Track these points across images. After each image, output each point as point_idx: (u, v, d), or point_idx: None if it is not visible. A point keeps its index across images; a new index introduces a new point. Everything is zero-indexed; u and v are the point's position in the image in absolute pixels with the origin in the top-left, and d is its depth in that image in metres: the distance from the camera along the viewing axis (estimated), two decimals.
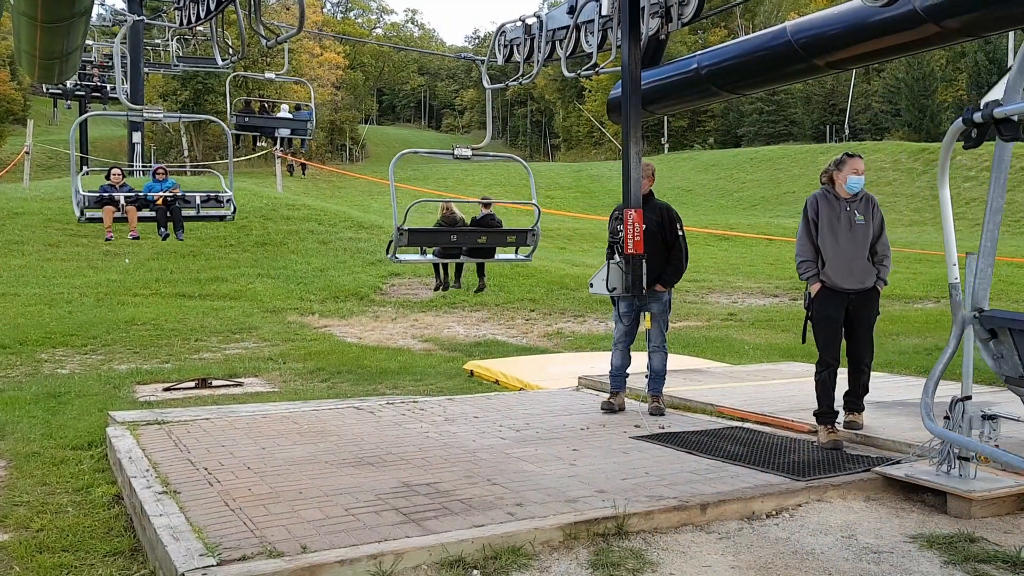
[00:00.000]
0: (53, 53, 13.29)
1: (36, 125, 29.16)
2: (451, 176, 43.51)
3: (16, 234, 18.95)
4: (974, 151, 22.77)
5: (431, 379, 9.57)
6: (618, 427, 6.35)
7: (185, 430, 6.21)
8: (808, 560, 3.90)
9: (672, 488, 4.61)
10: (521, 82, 9.70)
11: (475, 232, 10.42)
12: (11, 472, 5.70)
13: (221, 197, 11.61)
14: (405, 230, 8.10)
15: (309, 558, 3.56)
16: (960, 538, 4.16)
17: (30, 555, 4.14)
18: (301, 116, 20.99)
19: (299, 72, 61.01)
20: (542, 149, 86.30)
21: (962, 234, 26.27)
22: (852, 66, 9.02)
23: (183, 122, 51.28)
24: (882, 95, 61.51)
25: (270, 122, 20.63)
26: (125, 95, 10.10)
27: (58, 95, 26.72)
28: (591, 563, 3.78)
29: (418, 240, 8.79)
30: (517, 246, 9.20)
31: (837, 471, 4.95)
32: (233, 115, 19.68)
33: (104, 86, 27.88)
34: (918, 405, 6.78)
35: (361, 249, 19.74)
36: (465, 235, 10.03)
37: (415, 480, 4.83)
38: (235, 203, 11.69)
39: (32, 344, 11.54)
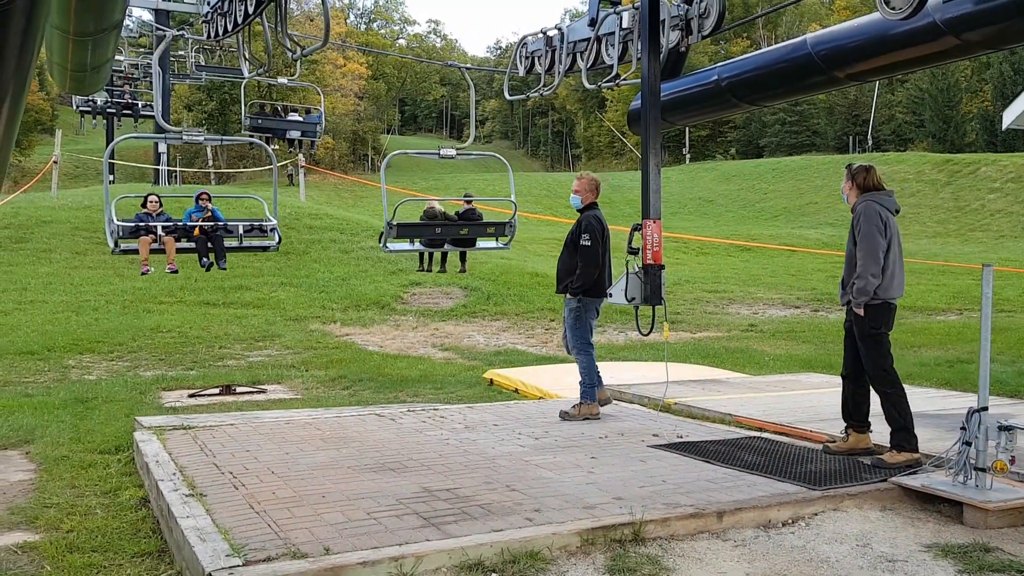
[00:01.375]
0: (84, 65, 13.52)
1: (64, 135, 29.65)
2: (472, 186, 43.67)
3: (44, 242, 19.27)
4: (1000, 162, 23.13)
5: (451, 387, 9.66)
6: (636, 436, 6.40)
7: (210, 435, 6.33)
8: (823, 568, 3.94)
9: (689, 496, 4.66)
10: (542, 93, 9.80)
11: (458, 225, 11.87)
12: (41, 475, 5.84)
13: (265, 226, 10.68)
14: (394, 224, 9.06)
15: (332, 559, 3.64)
16: (975, 548, 4.18)
17: (61, 555, 4.25)
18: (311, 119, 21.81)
19: (322, 83, 61.48)
20: (563, 159, 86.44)
21: (986, 246, 26.19)
22: (872, 78, 9.05)
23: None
24: (906, 106, 61.18)
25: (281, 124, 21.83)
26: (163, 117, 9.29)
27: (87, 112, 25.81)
28: (608, 568, 3.84)
29: (406, 233, 9.87)
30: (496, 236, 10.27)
31: (854, 481, 4.98)
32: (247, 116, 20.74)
33: (135, 103, 26.92)
34: (936, 416, 6.81)
35: (382, 258, 19.88)
36: (449, 227, 11.40)
37: (435, 485, 4.91)
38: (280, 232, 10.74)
39: (60, 350, 11.74)
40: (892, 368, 5.50)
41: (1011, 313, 15.73)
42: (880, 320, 5.48)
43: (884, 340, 5.51)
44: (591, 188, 7.32)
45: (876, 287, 5.41)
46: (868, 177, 5.65)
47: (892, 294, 5.49)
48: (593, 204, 7.34)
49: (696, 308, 17.52)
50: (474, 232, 11.05)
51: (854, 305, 5.50)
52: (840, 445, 5.74)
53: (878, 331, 5.48)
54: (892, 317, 5.55)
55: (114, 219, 9.99)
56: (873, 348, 5.50)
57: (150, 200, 11.14)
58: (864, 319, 5.47)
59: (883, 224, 5.47)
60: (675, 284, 18.99)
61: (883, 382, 5.49)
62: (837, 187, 28.49)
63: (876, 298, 5.44)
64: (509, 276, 18.57)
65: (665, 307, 7.31)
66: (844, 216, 32.79)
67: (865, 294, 5.41)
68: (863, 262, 5.41)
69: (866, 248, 5.42)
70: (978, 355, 4.91)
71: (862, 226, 5.47)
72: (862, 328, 5.50)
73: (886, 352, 5.51)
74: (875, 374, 5.51)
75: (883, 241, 5.44)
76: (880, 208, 5.52)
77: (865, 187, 5.64)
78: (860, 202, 5.59)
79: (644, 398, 7.96)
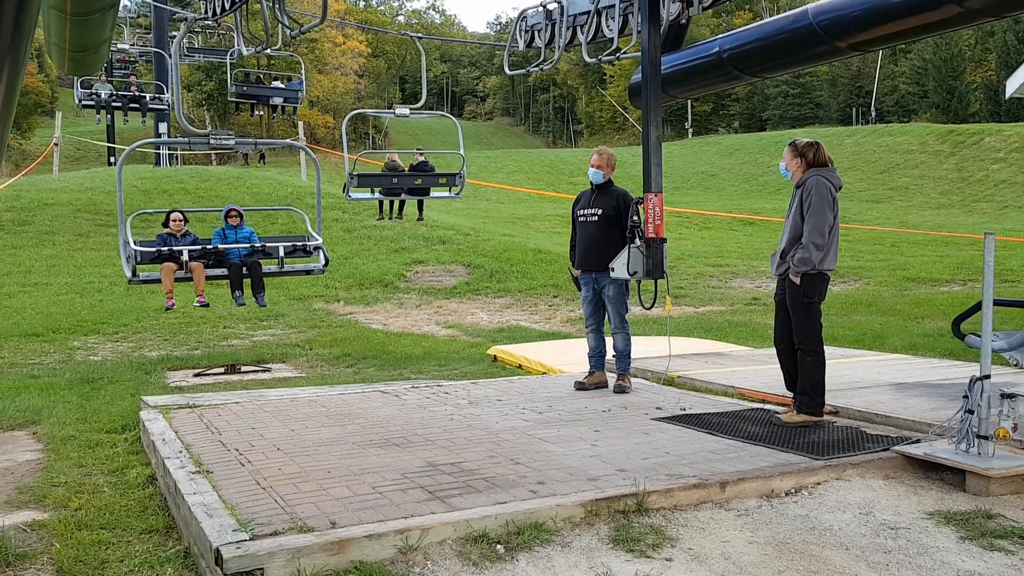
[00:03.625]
0: (83, 45, 13.48)
1: (64, 117, 29.52)
2: (474, 164, 43.58)
3: (47, 225, 19.30)
4: (1004, 132, 23.00)
5: (455, 364, 9.69)
6: (640, 409, 6.43)
7: (216, 413, 6.36)
8: (826, 536, 3.97)
9: (692, 467, 4.68)
10: (543, 68, 9.75)
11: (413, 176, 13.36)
12: (48, 455, 5.88)
13: (309, 245, 9.63)
14: (355, 175, 9.89)
15: (338, 533, 3.67)
16: (977, 515, 4.21)
17: (69, 532, 4.29)
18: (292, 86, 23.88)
19: (322, 61, 61.20)
20: (565, 135, 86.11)
21: (990, 216, 26.09)
22: (874, 48, 8.98)
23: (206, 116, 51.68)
24: (909, 76, 60.78)
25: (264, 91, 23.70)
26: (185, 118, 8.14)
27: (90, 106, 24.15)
28: (611, 538, 3.87)
29: (367, 183, 10.68)
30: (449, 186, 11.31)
31: (856, 450, 5.00)
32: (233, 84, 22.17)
33: (143, 95, 25.02)
34: (939, 386, 6.83)
35: (385, 237, 19.89)
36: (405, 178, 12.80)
37: (440, 460, 4.94)
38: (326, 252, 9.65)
39: (64, 332, 11.79)
40: (819, 337, 5.75)
41: (1015, 283, 15.70)
42: (814, 290, 5.67)
43: (816, 310, 5.75)
44: (611, 164, 7.30)
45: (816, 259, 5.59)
46: (818, 153, 5.79)
47: (827, 266, 5.68)
48: (612, 181, 7.32)
49: (699, 282, 17.52)
50: (428, 182, 12.40)
51: (791, 274, 5.66)
52: (792, 416, 5.84)
53: (812, 300, 5.68)
54: (825, 288, 5.76)
55: (131, 241, 8.73)
56: (804, 317, 5.70)
57: (173, 219, 9.57)
58: (799, 288, 5.67)
59: (833, 200, 5.64)
60: (678, 259, 18.98)
61: (808, 349, 5.70)
62: (841, 159, 28.34)
63: (813, 269, 5.61)
64: (512, 253, 18.57)
65: (668, 281, 7.32)
66: (848, 188, 32.69)
67: (806, 264, 5.59)
68: (809, 234, 5.57)
69: (815, 221, 5.57)
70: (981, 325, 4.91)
71: (813, 199, 5.60)
72: (796, 297, 5.69)
73: (816, 321, 5.73)
74: (802, 341, 5.72)
75: (831, 216, 5.62)
76: (830, 184, 5.67)
77: (815, 162, 5.77)
78: (810, 176, 5.71)
79: (647, 372, 7.98)
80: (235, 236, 9.79)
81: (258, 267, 9.50)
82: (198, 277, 9.20)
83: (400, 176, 13.09)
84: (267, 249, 9.61)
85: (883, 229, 24.00)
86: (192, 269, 9.15)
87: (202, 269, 9.20)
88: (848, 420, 5.90)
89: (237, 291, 9.48)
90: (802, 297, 5.66)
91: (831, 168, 5.78)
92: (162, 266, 9.07)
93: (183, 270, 9.17)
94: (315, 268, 9.71)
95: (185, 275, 9.17)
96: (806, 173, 5.75)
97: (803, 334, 5.71)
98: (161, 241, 9.37)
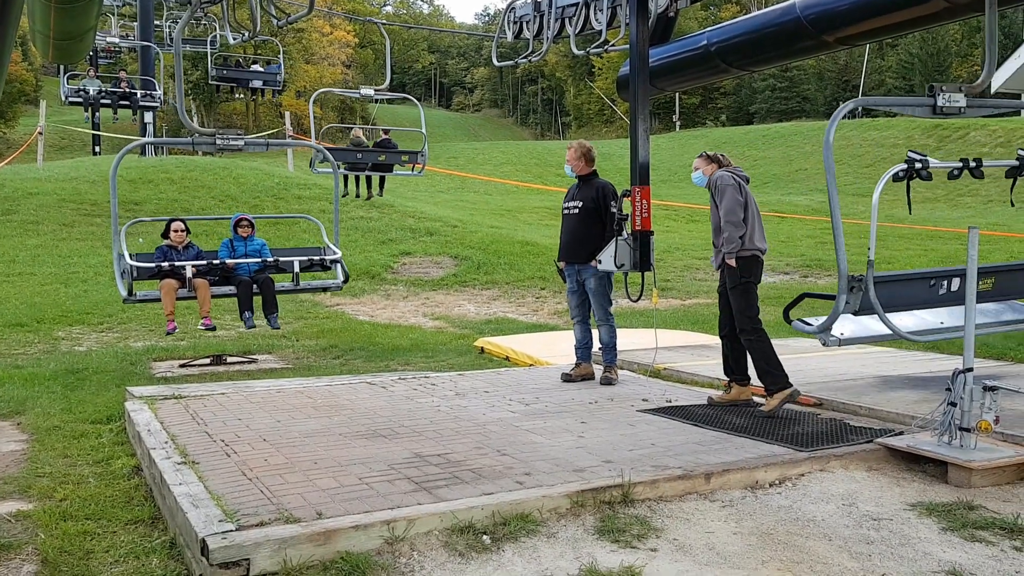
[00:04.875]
0: (67, 33, 13.39)
1: (48, 106, 29.26)
2: (462, 155, 43.57)
3: (31, 214, 19.14)
4: (989, 127, 23.14)
5: (442, 356, 9.69)
6: (626, 401, 6.45)
7: (202, 404, 6.35)
8: (809, 527, 4.00)
9: (677, 458, 4.71)
10: (531, 60, 9.75)
11: (376, 152, 13.66)
12: (33, 445, 5.86)
13: (326, 259, 8.83)
14: (321, 148, 10.07)
15: (324, 523, 3.68)
16: (959, 506, 4.25)
17: (54, 523, 4.28)
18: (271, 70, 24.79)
19: (309, 51, 60.90)
20: (553, 127, 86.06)
21: (975, 210, 26.20)
22: (861, 42, 9.03)
23: (192, 105, 51.34)
24: (896, 71, 61.03)
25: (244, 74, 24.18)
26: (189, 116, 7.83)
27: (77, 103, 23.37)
28: (597, 529, 3.89)
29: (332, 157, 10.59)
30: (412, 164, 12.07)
31: (840, 442, 5.04)
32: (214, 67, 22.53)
33: (133, 91, 23.98)
34: (922, 379, 6.88)
35: (372, 228, 19.84)
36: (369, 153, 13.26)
37: (427, 451, 4.95)
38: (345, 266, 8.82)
39: (49, 322, 11.71)
40: (758, 318, 6.02)
41: None
42: (750, 270, 5.96)
43: (752, 290, 6.00)
44: (579, 156, 7.27)
45: (740, 236, 5.91)
46: (724, 158, 6.29)
47: (757, 244, 5.99)
48: (595, 172, 7.32)
49: (686, 275, 17.56)
50: (390, 159, 13.04)
51: (727, 257, 5.95)
52: (723, 397, 6.24)
53: (748, 280, 5.96)
54: (760, 269, 6.05)
55: (126, 255, 7.86)
56: (742, 298, 5.97)
57: (174, 229, 8.57)
58: (736, 270, 5.94)
59: (737, 186, 6.00)
60: (665, 251, 19.02)
61: (749, 331, 5.95)
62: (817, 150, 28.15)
63: (746, 249, 5.93)
64: (499, 245, 18.56)
65: (655, 273, 7.34)
66: None
67: (732, 242, 5.89)
68: (725, 218, 5.94)
69: (726, 207, 5.94)
70: None
71: (719, 189, 6.02)
72: (733, 279, 5.98)
73: (753, 302, 5.99)
74: (742, 323, 5.98)
75: (740, 198, 5.96)
76: (733, 175, 6.07)
77: (721, 164, 6.23)
78: (716, 174, 6.15)
79: (634, 364, 8.01)
80: (245, 249, 8.77)
81: (270, 284, 8.49)
82: (203, 296, 8.19)
83: (364, 152, 13.66)
84: (280, 264, 8.65)
85: (869, 223, 24.12)
86: (196, 287, 8.14)
87: (207, 287, 8.18)
88: (832, 412, 5.95)
89: (247, 312, 8.50)
90: (739, 278, 5.95)
91: (735, 167, 6.23)
92: (162, 283, 8.06)
93: (186, 288, 8.19)
94: (333, 285, 8.82)
95: (188, 293, 8.21)
96: (714, 172, 6.19)
97: (743, 314, 5.97)
98: (161, 255, 8.37)
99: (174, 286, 8.04)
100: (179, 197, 20.00)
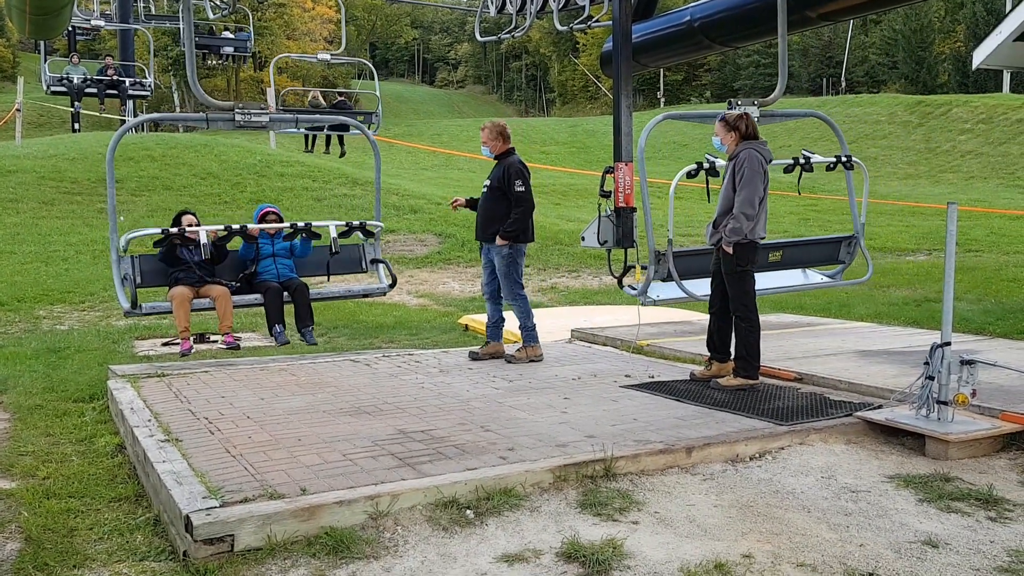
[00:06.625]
0: (44, 8, 13.18)
1: (26, 82, 28.83)
2: (446, 132, 43.34)
3: (10, 192, 18.91)
4: (971, 104, 23.14)
5: (426, 333, 9.70)
6: (609, 377, 6.49)
7: (185, 382, 6.34)
8: (788, 499, 4.06)
9: (659, 433, 4.76)
10: (514, 35, 9.70)
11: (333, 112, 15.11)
12: (15, 424, 5.83)
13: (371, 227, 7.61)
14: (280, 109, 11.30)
15: (308, 499, 3.69)
16: (936, 478, 4.32)
17: (37, 501, 4.27)
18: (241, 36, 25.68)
19: (291, 27, 60.29)
20: (537, 104, 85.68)
21: (956, 187, 26.28)
22: (844, 17, 9.04)
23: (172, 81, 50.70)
24: (879, 47, 61.08)
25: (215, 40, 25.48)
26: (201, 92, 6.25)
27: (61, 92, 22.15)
28: (580, 503, 3.93)
29: None
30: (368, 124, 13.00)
31: (820, 416, 5.10)
32: None
33: (122, 80, 22.42)
34: (902, 353, 6.96)
35: (356, 206, 19.73)
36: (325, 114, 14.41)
37: (410, 427, 4.97)
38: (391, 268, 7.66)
39: (30, 301, 11.62)
40: (753, 303, 5.97)
41: (978, 252, 15.95)
42: (746, 258, 5.89)
43: (748, 276, 5.97)
44: (494, 136, 7.21)
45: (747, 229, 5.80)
46: (749, 124, 5.93)
47: (757, 235, 5.90)
48: (511, 150, 7.25)
49: None
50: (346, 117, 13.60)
51: (724, 244, 5.87)
52: (704, 372, 6.25)
53: (744, 268, 5.91)
54: (756, 256, 6.00)
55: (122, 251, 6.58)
56: (738, 283, 5.92)
57: (186, 219, 7.19)
58: (732, 257, 5.88)
59: (764, 172, 5.82)
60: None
61: (743, 315, 5.93)
62: (810, 130, 28.43)
63: (744, 238, 5.82)
64: None
65: (637, 250, 7.36)
66: None
67: (738, 234, 5.80)
68: (740, 205, 5.76)
69: (747, 193, 5.76)
70: None
71: (746, 171, 5.78)
72: (730, 265, 5.91)
73: (750, 288, 5.98)
74: (737, 307, 5.95)
75: (762, 188, 5.81)
76: (761, 158, 5.84)
77: (747, 135, 5.92)
78: (742, 149, 5.87)
79: (617, 340, 8.05)
80: (272, 248, 7.33)
81: (305, 291, 7.11)
82: (223, 307, 6.78)
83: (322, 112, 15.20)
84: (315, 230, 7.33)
85: (848, 199, 24.22)
86: (215, 296, 6.78)
87: (228, 296, 6.81)
88: (812, 387, 6.01)
89: (278, 325, 7.06)
90: (735, 266, 5.89)
91: (762, 141, 5.96)
92: (173, 292, 6.70)
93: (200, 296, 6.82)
94: (377, 290, 7.56)
95: (206, 303, 6.86)
96: (739, 146, 5.91)
97: (738, 301, 5.94)
98: (167, 255, 6.86)
99: (188, 295, 6.68)
100: (160, 174, 19.81)
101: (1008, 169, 28.48)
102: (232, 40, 25.26)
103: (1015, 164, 29.00)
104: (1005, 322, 8.67)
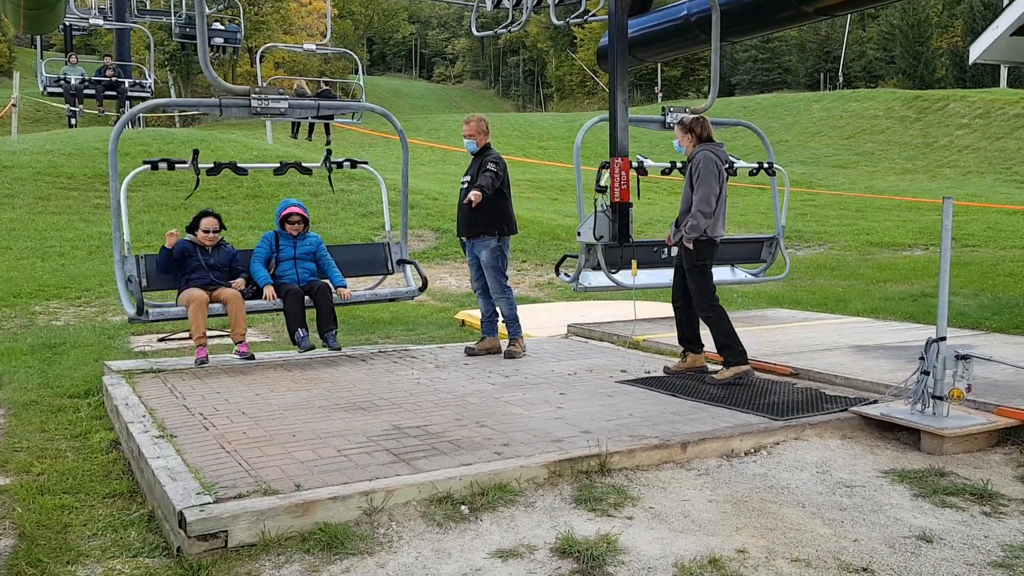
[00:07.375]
0: (38, 2, 13.13)
1: (22, 77, 28.73)
2: (443, 127, 43.30)
3: (6, 187, 18.87)
4: (968, 98, 23.24)
5: (423, 329, 9.69)
6: (605, 372, 6.49)
7: (180, 378, 6.33)
8: (783, 494, 4.06)
9: (654, 428, 4.75)
10: (511, 30, 9.69)
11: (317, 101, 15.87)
12: (10, 420, 5.82)
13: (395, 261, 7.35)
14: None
15: (303, 495, 3.69)
16: (931, 473, 4.32)
17: (32, 497, 4.27)
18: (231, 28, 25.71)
19: (287, 21, 60.20)
20: (535, 99, 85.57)
21: (953, 182, 26.34)
22: (841, 12, 9.03)
23: (168, 76, 50.62)
24: (877, 42, 61.07)
25: None
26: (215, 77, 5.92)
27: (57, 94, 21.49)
28: (575, 498, 3.93)
29: None
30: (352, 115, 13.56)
31: (815, 411, 5.10)
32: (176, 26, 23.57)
33: (120, 81, 21.91)
34: (897, 348, 6.96)
35: (353, 201, 19.71)
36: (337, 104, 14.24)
37: (406, 423, 4.97)
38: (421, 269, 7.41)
39: (26, 297, 11.60)
40: (714, 295, 6.10)
41: (975, 248, 15.97)
42: (705, 254, 6.06)
43: (708, 272, 6.13)
44: (483, 129, 7.23)
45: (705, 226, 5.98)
46: (704, 128, 6.16)
47: (716, 232, 6.08)
48: (490, 145, 7.25)
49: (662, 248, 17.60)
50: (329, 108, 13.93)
51: (684, 240, 6.03)
52: (679, 365, 6.37)
53: (704, 263, 6.07)
54: (715, 252, 6.16)
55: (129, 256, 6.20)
56: (699, 279, 6.08)
57: (203, 228, 6.73)
58: (692, 253, 6.04)
59: (718, 172, 6.01)
60: (645, 223, 19.04)
61: (706, 308, 6.06)
62: (808, 125, 28.51)
63: (704, 235, 6.00)
64: None
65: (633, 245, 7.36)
66: (815, 154, 32.88)
67: (696, 231, 5.96)
68: (698, 204, 5.96)
69: (702, 192, 5.95)
70: None
71: (701, 171, 5.98)
72: (690, 261, 6.07)
73: (709, 282, 6.12)
74: (699, 301, 6.11)
75: (717, 187, 6.00)
76: (716, 158, 6.03)
77: (702, 137, 6.13)
78: (698, 151, 6.08)
79: (613, 335, 8.04)
80: (294, 251, 7.03)
81: (328, 293, 6.77)
82: (236, 313, 6.34)
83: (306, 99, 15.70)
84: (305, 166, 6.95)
85: (848, 194, 24.23)
86: (226, 301, 6.33)
87: (241, 301, 6.38)
88: (808, 382, 6.01)
89: (300, 329, 6.69)
90: (695, 261, 6.03)
91: (718, 143, 6.14)
92: (189, 296, 6.26)
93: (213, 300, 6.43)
94: (406, 294, 7.24)
95: (220, 309, 6.46)
96: (696, 148, 6.10)
97: (700, 295, 6.07)
98: (179, 254, 6.51)
99: (205, 299, 6.22)
100: (164, 174, 19.77)
101: (1005, 164, 28.50)
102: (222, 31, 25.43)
103: (1012, 159, 29.02)
104: (1001, 317, 8.68)
